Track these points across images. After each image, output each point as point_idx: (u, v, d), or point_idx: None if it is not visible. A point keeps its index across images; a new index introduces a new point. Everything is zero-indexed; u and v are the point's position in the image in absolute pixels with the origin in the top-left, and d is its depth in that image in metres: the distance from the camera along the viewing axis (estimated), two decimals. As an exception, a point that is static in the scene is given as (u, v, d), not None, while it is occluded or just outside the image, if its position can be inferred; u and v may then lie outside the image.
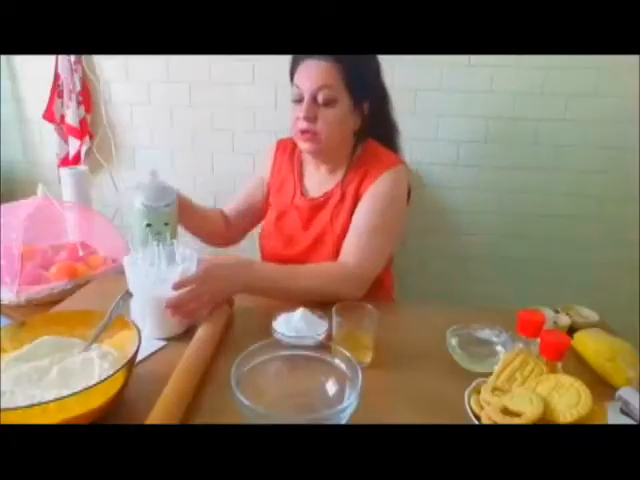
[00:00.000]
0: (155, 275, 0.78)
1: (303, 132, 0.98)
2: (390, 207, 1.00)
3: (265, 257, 1.17)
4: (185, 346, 0.72)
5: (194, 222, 1.07)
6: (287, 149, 1.17)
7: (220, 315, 0.82)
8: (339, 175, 1.07)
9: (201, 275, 0.81)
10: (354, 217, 1.01)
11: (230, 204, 1.21)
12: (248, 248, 1.93)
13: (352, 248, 0.97)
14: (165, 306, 0.77)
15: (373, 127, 1.07)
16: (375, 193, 1.00)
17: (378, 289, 1.09)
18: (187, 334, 0.78)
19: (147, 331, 0.78)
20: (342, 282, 0.92)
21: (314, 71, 0.95)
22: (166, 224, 0.88)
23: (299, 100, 0.98)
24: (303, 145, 1.01)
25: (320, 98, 0.96)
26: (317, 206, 1.08)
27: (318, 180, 1.11)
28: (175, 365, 0.66)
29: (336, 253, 1.00)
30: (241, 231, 1.23)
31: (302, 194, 1.11)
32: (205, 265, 0.83)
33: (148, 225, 0.86)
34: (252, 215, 1.21)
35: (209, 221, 1.13)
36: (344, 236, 1.01)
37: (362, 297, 0.94)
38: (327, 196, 1.07)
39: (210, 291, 0.82)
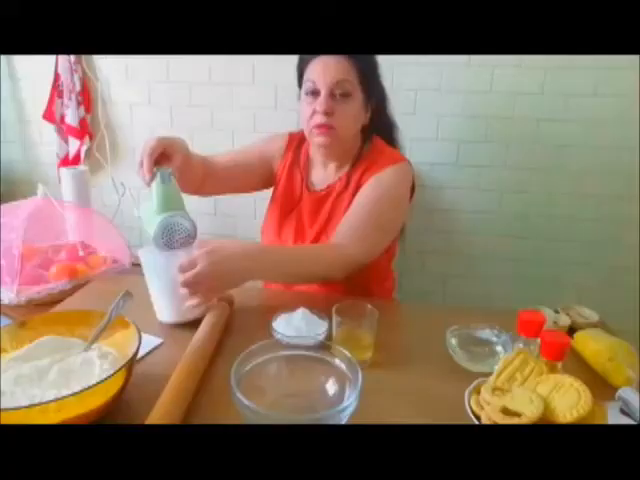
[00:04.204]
0: (169, 260, 0.79)
1: (320, 126, 0.98)
2: (389, 199, 1.00)
3: None
4: (184, 346, 0.72)
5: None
6: (294, 144, 1.16)
7: (220, 315, 0.82)
8: (344, 171, 1.09)
9: (206, 253, 0.78)
10: (353, 203, 1.01)
11: (223, 156, 1.13)
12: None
13: (347, 231, 0.96)
14: (181, 286, 0.76)
15: (376, 124, 1.09)
16: (376, 183, 1.01)
17: (380, 290, 1.09)
18: (186, 334, 0.77)
19: (165, 316, 0.84)
20: (338, 266, 0.92)
21: (331, 65, 0.96)
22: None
23: (312, 93, 0.98)
24: (318, 139, 1.00)
25: (338, 92, 0.97)
26: (321, 198, 1.09)
27: (324, 176, 1.11)
28: (174, 365, 0.66)
29: None
30: (217, 187, 1.13)
31: (307, 189, 1.12)
32: (208, 245, 0.80)
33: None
34: (238, 180, 1.15)
35: (193, 170, 0.99)
36: None
37: (364, 296, 0.93)
38: (330, 188, 1.09)
39: (216, 270, 0.78)
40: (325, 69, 0.97)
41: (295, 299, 0.90)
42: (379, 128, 1.11)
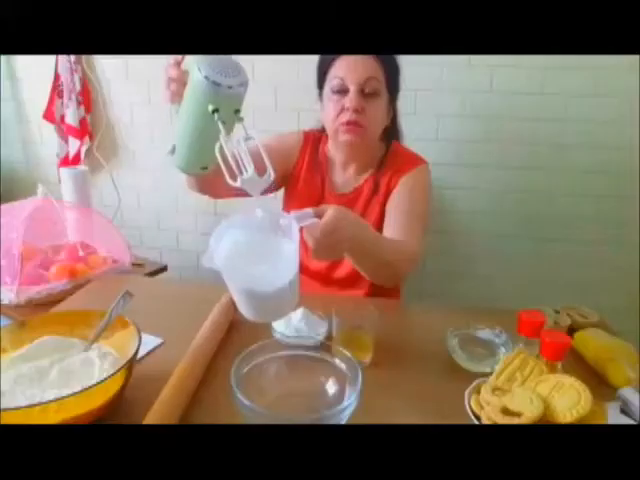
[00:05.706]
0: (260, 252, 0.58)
1: (349, 123, 0.97)
2: (421, 197, 1.04)
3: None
4: (184, 345, 0.72)
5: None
6: (310, 144, 1.13)
7: (224, 314, 0.82)
8: (367, 174, 1.09)
9: (335, 217, 0.68)
10: (391, 204, 1.03)
11: None
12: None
13: (400, 229, 0.97)
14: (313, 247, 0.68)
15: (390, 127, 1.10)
16: (407, 186, 1.04)
17: (391, 290, 1.09)
18: (187, 334, 0.77)
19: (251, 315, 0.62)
20: (413, 262, 0.95)
21: (360, 63, 0.96)
22: (237, 111, 0.63)
23: (339, 91, 0.98)
24: (345, 137, 0.99)
25: (367, 89, 0.97)
26: (349, 202, 1.08)
27: (346, 178, 1.11)
28: (174, 365, 0.66)
29: None
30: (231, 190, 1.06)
31: (333, 191, 1.10)
32: (333, 214, 0.69)
33: (215, 111, 0.60)
34: None
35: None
36: (376, 227, 1.01)
37: (372, 295, 0.93)
38: (358, 191, 1.09)
39: (341, 235, 0.70)
40: (354, 66, 0.96)
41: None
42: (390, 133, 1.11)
